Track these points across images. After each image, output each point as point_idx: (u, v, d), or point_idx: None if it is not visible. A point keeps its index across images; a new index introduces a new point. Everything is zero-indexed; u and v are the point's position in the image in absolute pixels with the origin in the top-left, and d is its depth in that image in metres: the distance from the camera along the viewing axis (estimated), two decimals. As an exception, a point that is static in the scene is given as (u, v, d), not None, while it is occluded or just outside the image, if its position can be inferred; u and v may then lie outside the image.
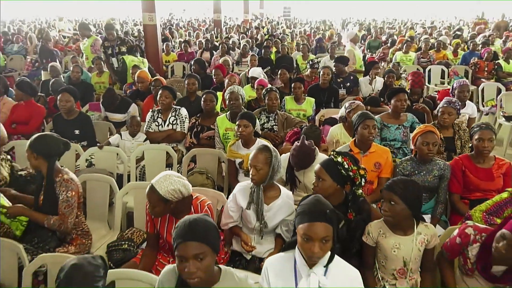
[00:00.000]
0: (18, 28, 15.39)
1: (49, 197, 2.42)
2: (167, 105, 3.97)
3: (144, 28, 7.90)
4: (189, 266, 1.40)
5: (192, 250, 1.41)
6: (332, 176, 2.12)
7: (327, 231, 1.54)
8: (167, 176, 2.09)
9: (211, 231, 1.48)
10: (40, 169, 2.48)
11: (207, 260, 1.43)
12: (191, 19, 21.60)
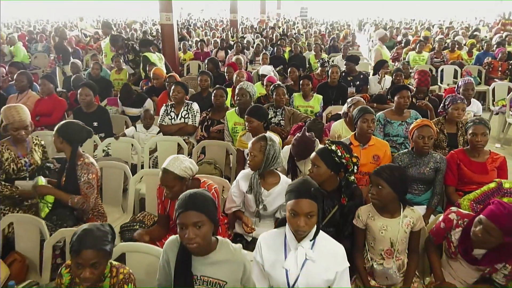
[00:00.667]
0: (42, 27, 15.97)
1: (70, 178, 2.66)
2: (179, 99, 4.19)
3: (161, 28, 8.16)
4: (189, 233, 1.59)
5: (192, 218, 1.60)
6: (326, 163, 2.29)
7: (312, 207, 1.71)
8: (176, 158, 2.31)
9: (209, 203, 1.67)
10: (64, 152, 2.72)
11: (205, 228, 1.62)
12: (209, 19, 21.91)
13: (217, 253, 1.73)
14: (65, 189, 2.69)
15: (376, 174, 2.18)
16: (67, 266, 1.75)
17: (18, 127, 2.83)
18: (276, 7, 25.24)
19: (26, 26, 17.64)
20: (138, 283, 1.91)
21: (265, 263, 1.84)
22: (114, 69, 6.56)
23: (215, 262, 1.71)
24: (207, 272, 1.71)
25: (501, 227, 1.85)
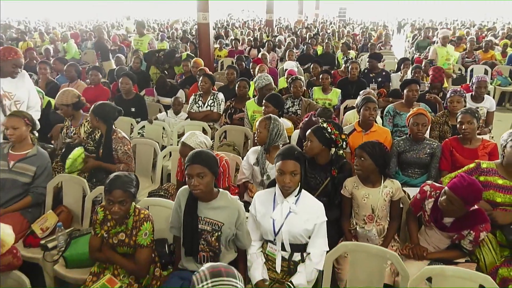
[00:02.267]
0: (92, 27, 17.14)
1: (107, 150, 3.18)
2: (206, 89, 4.67)
3: (198, 26, 8.72)
4: (194, 181, 2.03)
5: (196, 170, 2.04)
6: (318, 138, 2.65)
7: (295, 167, 2.09)
8: (193, 133, 2.76)
9: (211, 159, 2.10)
10: (100, 129, 3.25)
11: (207, 178, 2.05)
12: (248, 20, 22.48)
13: (218, 201, 2.16)
14: (103, 160, 3.22)
15: (360, 148, 2.52)
16: (102, 206, 2.24)
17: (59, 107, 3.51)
18: (314, 7, 25.43)
19: (78, 25, 18.99)
20: (157, 230, 2.39)
21: (257, 214, 2.25)
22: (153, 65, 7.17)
23: (216, 207, 2.15)
24: (209, 215, 2.15)
25: (461, 197, 2.14)
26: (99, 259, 2.27)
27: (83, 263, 2.46)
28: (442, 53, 6.87)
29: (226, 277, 1.24)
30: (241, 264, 2.26)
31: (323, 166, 2.74)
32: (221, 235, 2.14)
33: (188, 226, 2.15)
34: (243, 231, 2.20)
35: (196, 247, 2.14)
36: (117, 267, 2.25)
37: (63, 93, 3.59)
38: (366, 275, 2.12)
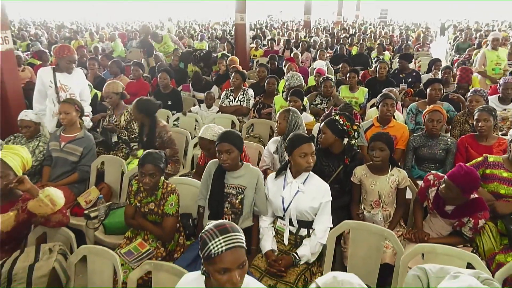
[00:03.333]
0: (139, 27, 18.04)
1: (150, 136, 3.57)
2: (237, 85, 4.99)
3: (235, 27, 9.07)
4: (223, 157, 2.39)
5: (225, 147, 2.40)
6: (331, 130, 2.87)
7: (314, 148, 2.36)
8: (207, 127, 3.07)
9: (237, 138, 2.46)
10: (144, 122, 3.63)
11: (234, 154, 2.42)
12: (287, 21, 22.71)
13: (241, 170, 2.53)
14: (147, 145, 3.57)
15: (379, 139, 2.69)
16: (136, 179, 2.60)
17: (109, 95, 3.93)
18: (355, 9, 25.25)
19: (125, 26, 20.03)
20: (183, 206, 2.72)
21: (269, 193, 2.52)
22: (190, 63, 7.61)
23: (240, 176, 2.52)
24: (234, 181, 2.52)
25: (458, 185, 2.30)
26: (132, 225, 2.63)
27: (119, 230, 2.83)
28: (492, 57, 6.41)
29: (233, 232, 1.48)
30: (254, 235, 2.55)
31: (337, 155, 2.95)
32: (244, 198, 2.48)
33: (216, 190, 2.50)
34: (261, 196, 2.52)
35: (221, 210, 2.48)
36: (147, 233, 2.59)
37: (113, 83, 4.03)
38: (365, 251, 2.33)
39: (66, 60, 3.81)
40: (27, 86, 5.62)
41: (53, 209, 2.26)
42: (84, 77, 4.17)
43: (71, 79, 3.92)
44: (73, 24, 19.02)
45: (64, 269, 2.12)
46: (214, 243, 1.39)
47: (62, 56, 3.78)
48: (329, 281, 1.24)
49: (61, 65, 3.84)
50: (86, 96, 4.15)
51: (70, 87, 3.90)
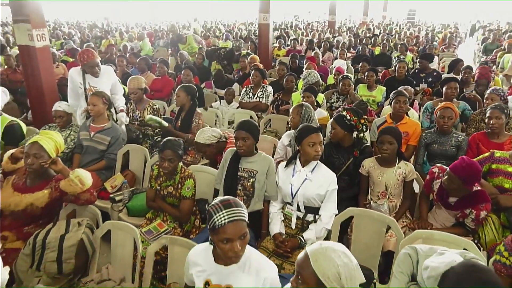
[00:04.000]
0: (166, 26, 18.52)
1: (185, 121, 3.87)
2: (257, 82, 5.17)
3: (259, 26, 9.26)
4: (239, 143, 2.61)
5: (241, 134, 2.62)
6: (340, 125, 3.01)
7: (321, 137, 2.51)
8: (201, 131, 3.28)
9: (254, 127, 2.67)
10: (185, 105, 3.95)
11: (249, 141, 2.63)
12: (312, 21, 22.74)
13: (255, 157, 2.74)
14: (180, 129, 3.93)
15: (388, 133, 2.80)
16: (157, 164, 2.82)
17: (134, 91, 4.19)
18: (382, 9, 24.98)
19: (153, 26, 20.59)
20: (200, 192, 2.92)
21: (279, 180, 2.69)
22: (215, 60, 7.85)
23: (252, 161, 2.72)
24: (247, 166, 2.73)
25: (459, 176, 2.40)
26: (152, 207, 2.85)
27: (140, 213, 3.06)
28: None
29: (236, 207, 1.65)
30: (265, 218, 2.72)
31: (347, 148, 3.09)
32: (255, 181, 2.67)
33: (230, 172, 2.72)
34: (272, 182, 2.70)
35: (234, 191, 2.69)
36: (165, 215, 2.81)
37: (137, 79, 4.27)
38: (368, 237, 2.46)
39: (89, 66, 3.99)
40: (60, 82, 5.99)
41: (82, 188, 2.50)
42: (113, 74, 4.35)
43: (99, 80, 4.11)
44: (104, 24, 19.71)
45: (91, 241, 2.36)
46: (218, 216, 1.57)
47: (84, 63, 3.97)
48: (315, 247, 1.40)
49: (86, 70, 4.03)
50: (118, 91, 4.35)
51: (98, 88, 4.05)
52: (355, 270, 1.38)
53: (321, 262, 1.36)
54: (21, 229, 2.53)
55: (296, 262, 1.45)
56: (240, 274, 1.69)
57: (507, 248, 1.93)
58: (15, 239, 2.50)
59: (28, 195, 2.51)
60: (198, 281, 1.76)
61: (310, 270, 1.36)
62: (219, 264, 1.71)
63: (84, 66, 4.01)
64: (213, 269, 1.72)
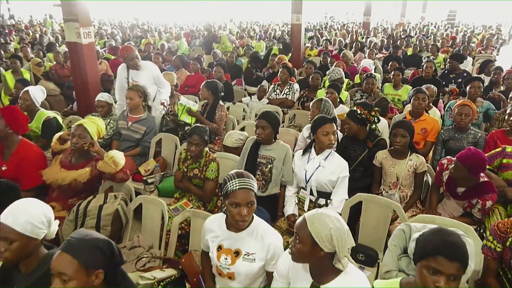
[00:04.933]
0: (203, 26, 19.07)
1: (210, 113, 4.19)
2: (284, 79, 5.40)
3: (291, 27, 9.46)
4: (259, 131, 2.87)
5: (262, 123, 2.86)
6: (353, 120, 3.17)
7: (335, 127, 2.72)
8: (229, 134, 3.58)
9: (274, 118, 2.90)
10: (208, 100, 4.28)
11: (268, 130, 2.88)
12: (348, 22, 22.62)
13: (273, 145, 2.97)
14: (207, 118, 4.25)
15: (401, 127, 2.94)
16: (185, 149, 3.11)
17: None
18: (421, 10, 24.45)
19: (190, 26, 21.24)
20: (222, 176, 3.16)
21: (295, 167, 2.91)
22: (246, 60, 8.15)
23: (271, 149, 2.95)
24: (265, 153, 2.97)
25: (465, 164, 2.53)
26: (180, 187, 3.15)
27: (169, 193, 3.37)
28: None
29: (247, 178, 1.91)
30: (281, 202, 2.96)
31: (362, 141, 3.26)
32: (272, 167, 2.91)
33: (250, 158, 2.97)
34: (288, 168, 2.93)
35: (253, 176, 2.90)
36: (191, 195, 3.10)
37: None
38: (375, 221, 2.63)
39: (128, 59, 4.31)
40: (103, 77, 6.48)
41: (115, 169, 2.83)
42: (155, 69, 4.57)
43: (141, 75, 4.41)
44: (144, 24, 20.55)
45: (125, 212, 2.68)
46: (231, 183, 1.83)
47: (124, 57, 4.32)
48: (312, 213, 1.62)
49: (128, 65, 4.37)
50: (163, 84, 4.62)
51: (139, 82, 4.36)
52: (346, 234, 1.58)
53: (316, 225, 1.57)
54: (66, 201, 2.89)
55: (295, 225, 1.67)
56: (248, 239, 1.94)
57: (491, 234, 2.06)
58: (61, 209, 2.86)
59: (73, 172, 2.87)
60: (212, 245, 2.02)
61: (307, 231, 1.58)
62: (230, 231, 1.97)
63: (125, 60, 4.35)
64: (225, 235, 1.98)
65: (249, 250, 1.92)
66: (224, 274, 1.97)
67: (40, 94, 4.10)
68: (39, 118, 3.98)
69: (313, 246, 1.58)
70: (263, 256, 1.92)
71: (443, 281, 1.38)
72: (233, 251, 1.95)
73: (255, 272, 1.93)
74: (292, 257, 1.65)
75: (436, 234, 1.49)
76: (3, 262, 1.68)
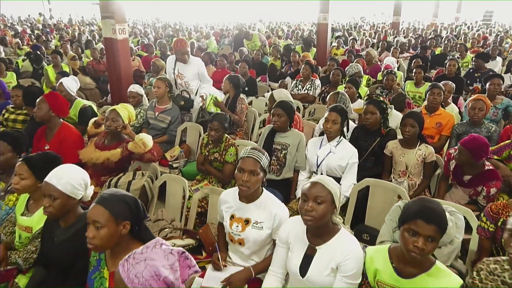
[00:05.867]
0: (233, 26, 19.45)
1: (231, 105, 4.44)
2: (306, 75, 5.59)
3: (318, 26, 9.59)
4: (275, 118, 3.10)
5: (277, 111, 3.10)
6: (379, 110, 3.29)
7: (336, 117, 2.91)
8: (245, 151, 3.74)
9: (289, 107, 3.13)
10: (229, 93, 4.54)
11: (283, 118, 3.10)
12: (378, 22, 22.43)
13: (288, 133, 3.18)
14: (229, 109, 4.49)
15: (410, 117, 3.08)
16: (206, 134, 3.37)
17: None
18: (455, 11, 23.88)
19: (220, 25, 21.70)
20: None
21: (308, 153, 3.11)
22: (272, 57, 8.38)
23: (286, 136, 3.17)
24: (280, 140, 3.18)
25: (467, 148, 2.65)
26: (201, 170, 3.41)
27: (192, 176, 3.64)
28: None
29: (258, 151, 2.14)
30: (294, 185, 3.17)
31: (374, 131, 3.41)
32: (287, 153, 3.12)
33: (266, 145, 3.19)
34: (301, 154, 3.13)
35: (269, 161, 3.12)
36: (211, 177, 3.35)
37: None
38: (381, 204, 2.78)
39: (180, 53, 4.56)
40: (135, 73, 6.88)
41: (144, 149, 3.12)
42: (201, 65, 4.79)
43: (187, 69, 4.64)
44: (176, 24, 21.16)
45: (151, 188, 2.97)
46: (243, 151, 2.10)
47: (176, 50, 4.57)
48: (320, 177, 1.85)
49: (177, 57, 4.62)
50: (206, 80, 4.86)
51: (185, 76, 4.65)
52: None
53: (331, 185, 1.80)
54: (99, 178, 3.21)
55: (309, 192, 1.79)
56: (257, 210, 2.16)
57: (485, 215, 2.19)
58: (95, 185, 3.15)
59: (106, 152, 3.18)
60: (226, 215, 2.26)
61: (327, 191, 1.77)
62: (242, 201, 2.20)
63: (176, 52, 4.58)
64: (238, 205, 2.22)
65: (258, 219, 2.15)
66: (235, 240, 2.20)
67: (74, 84, 4.48)
68: (76, 107, 4.35)
69: (332, 204, 1.78)
70: (270, 225, 2.14)
71: (421, 241, 1.56)
72: (243, 219, 2.18)
73: (262, 239, 2.15)
74: (312, 222, 1.76)
75: (417, 201, 1.67)
76: (47, 217, 1.97)
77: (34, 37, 13.40)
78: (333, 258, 1.79)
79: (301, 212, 1.82)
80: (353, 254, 1.77)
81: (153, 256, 1.45)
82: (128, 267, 1.38)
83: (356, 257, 1.77)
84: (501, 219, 2.11)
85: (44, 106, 3.27)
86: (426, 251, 1.56)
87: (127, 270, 1.38)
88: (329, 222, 1.84)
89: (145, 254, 1.44)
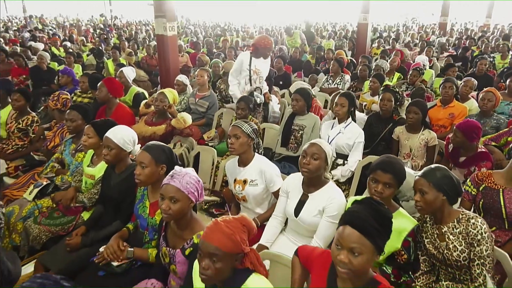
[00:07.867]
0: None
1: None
2: (335, 71, 6.02)
3: (358, 26, 9.90)
4: (293, 103, 3.62)
5: (296, 97, 3.60)
6: (395, 99, 3.73)
7: (344, 101, 3.36)
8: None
9: (307, 93, 3.63)
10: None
11: (300, 103, 3.61)
12: (427, 23, 21.99)
13: (305, 116, 3.67)
14: None
15: (415, 105, 3.45)
16: (234, 116, 3.93)
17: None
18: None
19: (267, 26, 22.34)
20: (266, 142, 3.95)
21: (321, 133, 3.58)
22: (310, 55, 8.84)
23: (303, 119, 3.65)
24: (298, 122, 3.67)
25: (461, 130, 2.99)
26: (230, 146, 3.99)
27: (224, 153, 4.21)
28: None
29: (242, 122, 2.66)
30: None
31: (386, 119, 3.80)
32: (303, 133, 3.61)
33: (286, 126, 3.69)
34: (315, 134, 3.60)
35: (288, 140, 3.65)
36: (239, 152, 3.91)
37: (229, 63, 5.50)
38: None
39: (267, 50, 4.48)
40: (183, 68, 7.64)
41: (184, 125, 3.74)
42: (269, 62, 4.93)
43: (263, 64, 4.61)
44: (225, 25, 22.11)
45: (187, 156, 3.59)
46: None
47: (261, 46, 4.42)
48: (316, 140, 2.34)
49: (260, 52, 4.48)
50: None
51: (261, 71, 4.77)
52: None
53: (326, 147, 2.30)
54: (147, 149, 3.88)
55: (308, 150, 2.29)
56: (251, 171, 2.69)
57: (471, 180, 2.55)
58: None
59: (153, 127, 3.84)
60: (231, 179, 2.83)
61: (322, 150, 2.28)
62: (240, 166, 2.74)
63: (261, 49, 4.43)
64: (237, 170, 2.77)
65: (252, 178, 2.67)
66: (240, 198, 2.75)
67: (131, 73, 5.24)
68: (131, 93, 5.10)
69: (325, 161, 2.29)
70: (262, 181, 2.65)
71: (380, 187, 2.01)
72: (242, 180, 2.71)
73: (259, 193, 2.67)
74: (308, 173, 2.27)
75: (379, 157, 2.12)
76: (106, 163, 2.62)
77: (97, 36, 14.77)
78: (320, 203, 2.27)
79: (300, 165, 2.32)
80: (337, 200, 2.24)
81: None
82: (179, 179, 1.88)
83: (339, 203, 2.24)
84: (483, 185, 2.47)
85: (103, 89, 3.99)
86: (384, 195, 2.01)
87: (180, 182, 1.87)
88: (321, 176, 2.32)
89: (184, 171, 1.95)
